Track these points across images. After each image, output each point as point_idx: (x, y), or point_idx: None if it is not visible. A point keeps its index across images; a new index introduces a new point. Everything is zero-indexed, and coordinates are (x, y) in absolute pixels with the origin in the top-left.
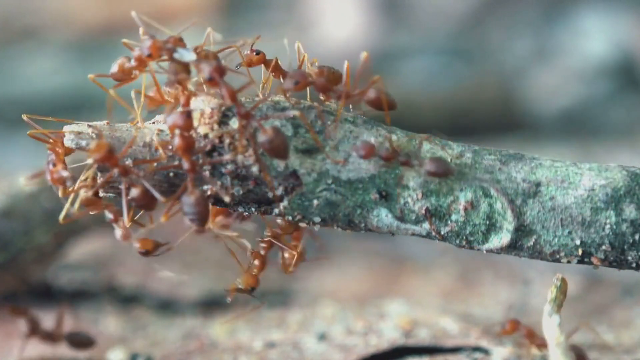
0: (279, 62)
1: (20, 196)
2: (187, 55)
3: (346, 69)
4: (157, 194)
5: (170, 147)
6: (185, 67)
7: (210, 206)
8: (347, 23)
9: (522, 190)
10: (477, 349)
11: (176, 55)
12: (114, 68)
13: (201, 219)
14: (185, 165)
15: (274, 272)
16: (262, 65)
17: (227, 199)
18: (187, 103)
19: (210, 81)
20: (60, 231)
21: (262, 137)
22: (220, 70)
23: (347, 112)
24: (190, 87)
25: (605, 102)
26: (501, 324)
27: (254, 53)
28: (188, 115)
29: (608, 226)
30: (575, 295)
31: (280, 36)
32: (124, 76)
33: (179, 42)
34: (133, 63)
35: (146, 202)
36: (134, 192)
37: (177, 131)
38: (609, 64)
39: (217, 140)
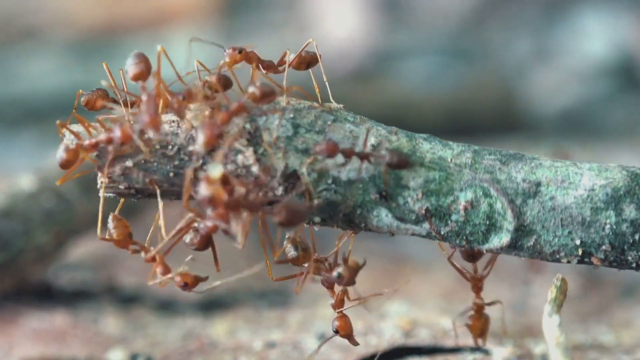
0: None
1: (20, 196)
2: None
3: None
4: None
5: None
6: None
7: None
8: (347, 23)
9: (522, 190)
10: (477, 349)
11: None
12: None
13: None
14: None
15: (274, 272)
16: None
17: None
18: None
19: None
20: (60, 231)
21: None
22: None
23: (348, 112)
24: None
25: (605, 102)
26: None
27: (237, 51)
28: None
29: (608, 226)
30: (575, 295)
31: (280, 36)
32: None
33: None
34: None
35: (205, 246)
36: (195, 239)
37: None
38: (609, 64)
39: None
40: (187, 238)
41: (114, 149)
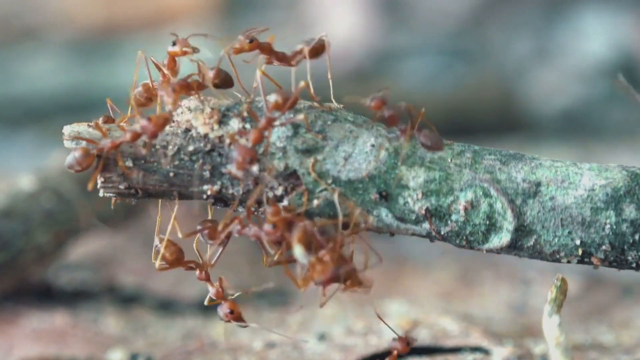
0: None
1: (20, 196)
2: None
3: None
4: None
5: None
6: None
7: None
8: (347, 23)
9: (522, 190)
10: (477, 349)
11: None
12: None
13: None
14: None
15: (274, 272)
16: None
17: None
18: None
19: None
20: (60, 231)
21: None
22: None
23: (348, 112)
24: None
25: (605, 102)
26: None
27: (248, 40)
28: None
29: (608, 226)
30: (575, 295)
31: (280, 36)
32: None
33: None
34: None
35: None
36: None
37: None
38: (609, 64)
39: (217, 141)
40: (206, 230)
41: (144, 143)
